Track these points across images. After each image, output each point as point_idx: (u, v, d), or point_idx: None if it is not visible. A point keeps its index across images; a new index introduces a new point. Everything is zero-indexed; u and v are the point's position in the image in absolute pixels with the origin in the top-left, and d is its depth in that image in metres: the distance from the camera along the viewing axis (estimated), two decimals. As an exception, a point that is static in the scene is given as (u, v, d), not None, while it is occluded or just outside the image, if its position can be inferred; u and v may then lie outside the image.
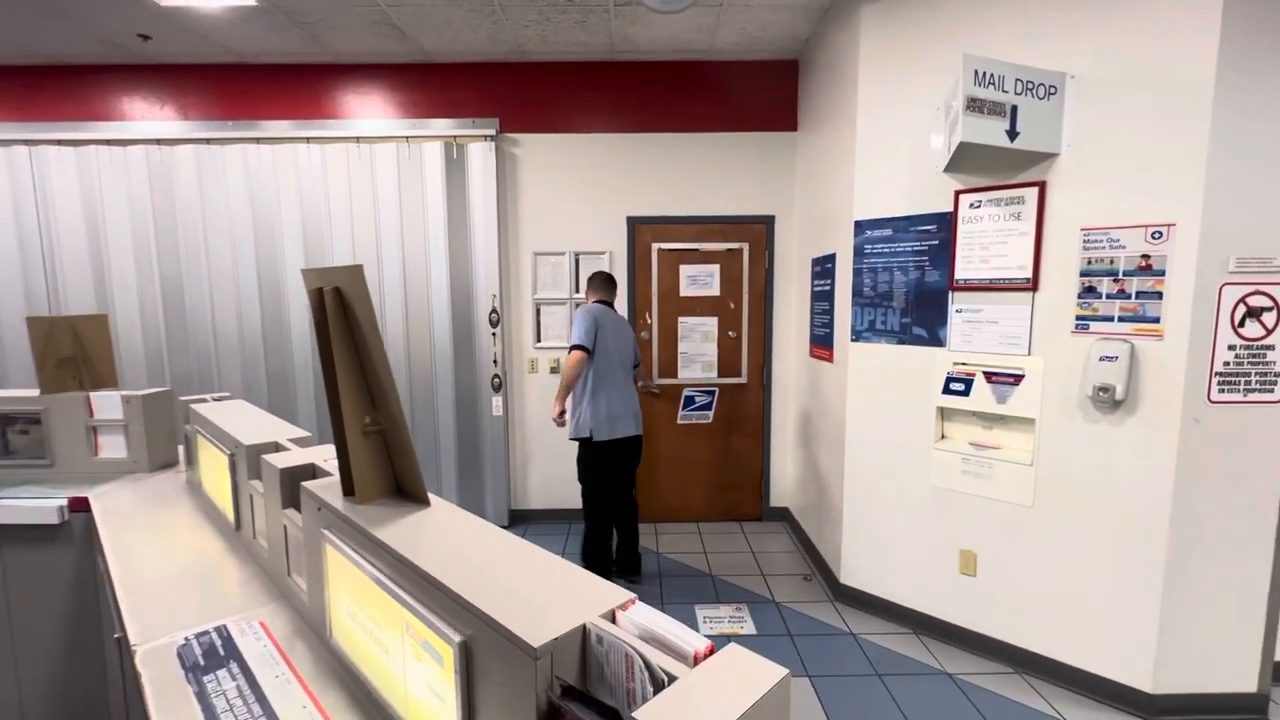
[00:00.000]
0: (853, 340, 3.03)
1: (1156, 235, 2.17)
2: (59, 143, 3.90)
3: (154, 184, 3.93)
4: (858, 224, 2.94)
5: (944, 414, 2.75)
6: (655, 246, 4.08)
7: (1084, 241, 2.31)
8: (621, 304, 4.08)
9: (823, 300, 3.45)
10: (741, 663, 0.59)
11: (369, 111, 4.00)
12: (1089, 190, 2.29)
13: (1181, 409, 2.16)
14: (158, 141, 3.91)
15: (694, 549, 3.83)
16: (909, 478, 2.85)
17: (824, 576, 3.40)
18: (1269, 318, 2.13)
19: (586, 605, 0.69)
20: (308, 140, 3.90)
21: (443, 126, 3.93)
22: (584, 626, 0.66)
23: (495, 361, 4.05)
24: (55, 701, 2.06)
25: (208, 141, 3.91)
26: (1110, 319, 2.28)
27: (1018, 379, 2.49)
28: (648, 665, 0.59)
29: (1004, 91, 2.21)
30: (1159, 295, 2.18)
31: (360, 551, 0.97)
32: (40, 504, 1.99)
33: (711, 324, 4.13)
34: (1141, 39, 2.16)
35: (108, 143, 3.91)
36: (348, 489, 1.09)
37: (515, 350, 4.16)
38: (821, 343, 3.49)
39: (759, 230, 4.09)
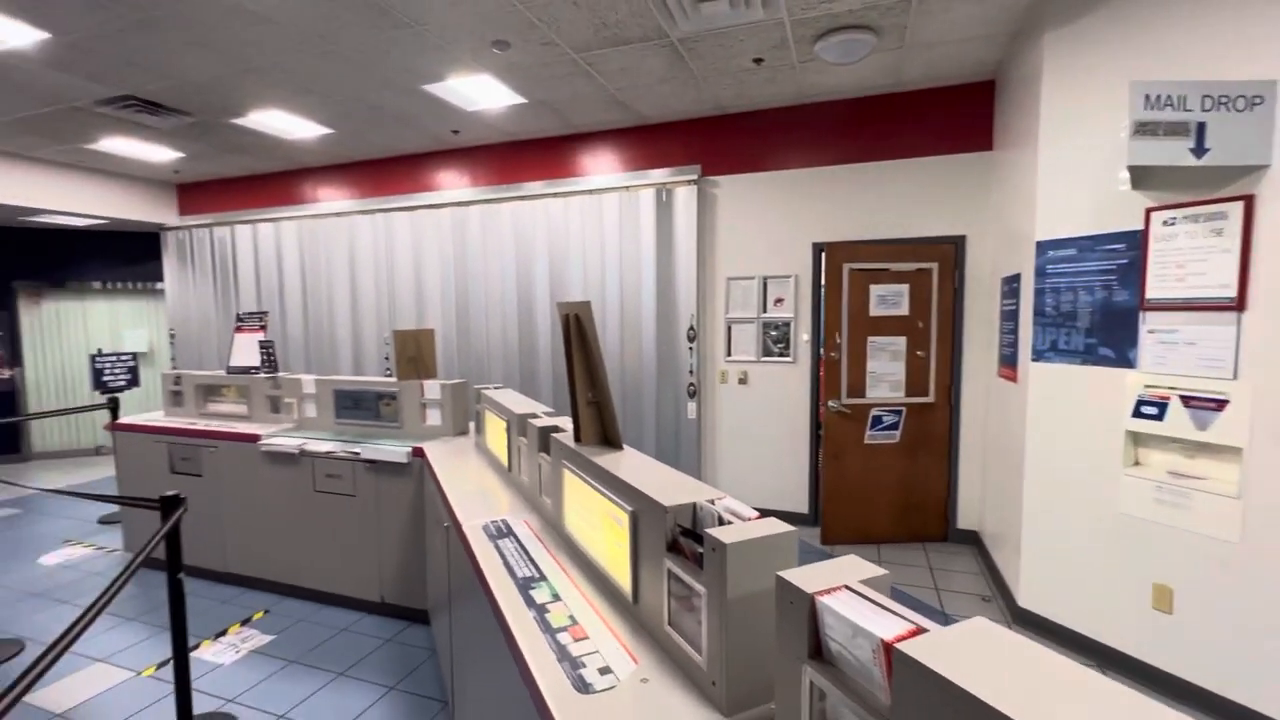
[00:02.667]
0: (1033, 360, 3.02)
1: (1395, 249, 1.95)
2: (400, 209, 5.59)
3: (454, 235, 5.40)
4: (1039, 244, 2.96)
5: (1135, 439, 2.64)
6: (846, 267, 4.35)
7: (1302, 257, 2.14)
8: (805, 322, 4.44)
9: (1010, 320, 3.44)
10: (769, 523, 1.07)
11: (599, 168, 5.00)
12: (1307, 202, 2.12)
13: None
14: (457, 204, 5.38)
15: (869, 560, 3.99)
16: (1094, 504, 2.77)
17: (1004, 599, 3.35)
18: None
19: (699, 495, 1.23)
20: (554, 195, 5.02)
21: (654, 175, 4.74)
22: (694, 503, 1.19)
23: (691, 372, 4.70)
24: (397, 568, 3.17)
25: (488, 201, 5.27)
26: (1336, 341, 2.07)
27: (1220, 404, 2.34)
28: (722, 518, 1.11)
29: (1186, 110, 2.18)
30: (1400, 315, 1.94)
31: (582, 474, 1.62)
32: (397, 449, 3.11)
33: (900, 343, 4.26)
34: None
35: (428, 207, 5.49)
36: (577, 438, 1.76)
37: (709, 363, 4.77)
38: (1007, 362, 3.47)
39: (948, 250, 4.13)
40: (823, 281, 4.41)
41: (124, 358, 5.31)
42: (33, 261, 6.99)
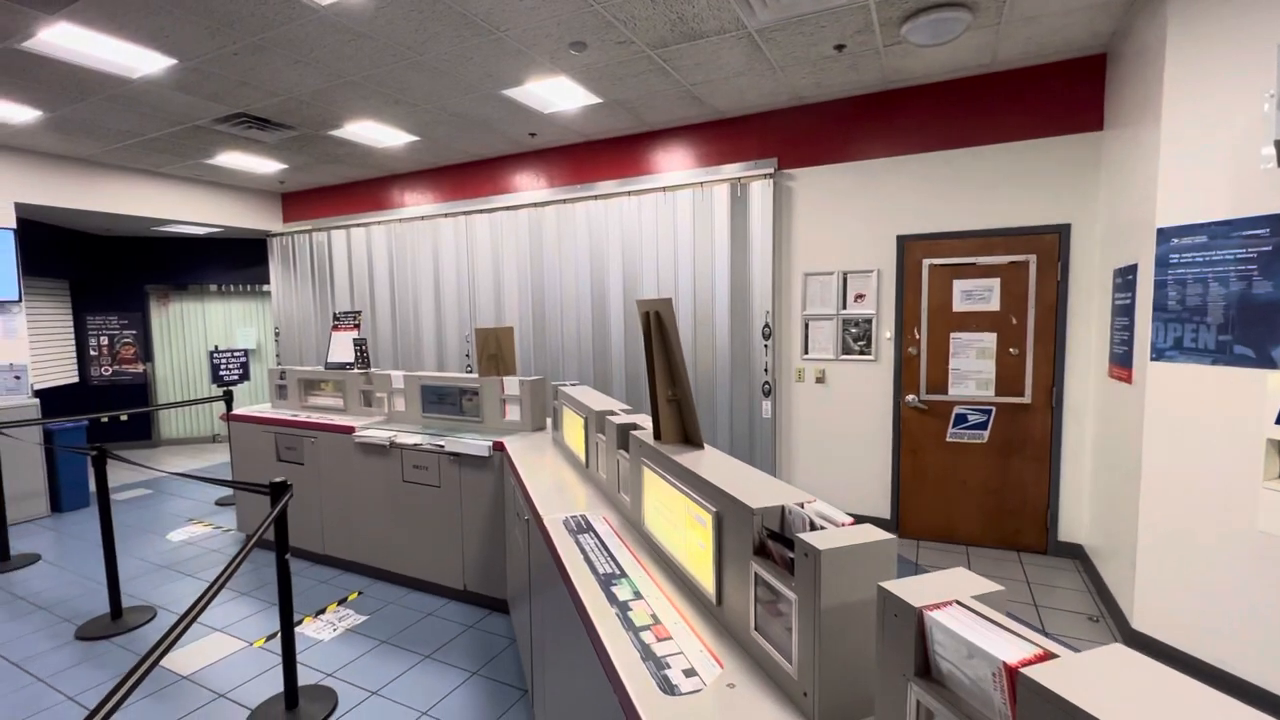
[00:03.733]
0: (1153, 359, 2.75)
1: None
2: (480, 211, 5.79)
3: (530, 235, 5.53)
4: (1161, 231, 2.68)
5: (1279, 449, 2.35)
6: (926, 262, 4.14)
7: None
8: (888, 319, 4.25)
9: (1123, 315, 3.14)
10: (865, 529, 1.02)
11: (672, 165, 4.98)
12: None
13: None
14: (534, 205, 5.51)
15: (957, 566, 3.77)
16: (1227, 520, 2.48)
17: (1114, 620, 3.07)
18: None
19: (787, 497, 1.18)
20: (628, 193, 5.04)
21: (729, 170, 4.67)
22: (783, 506, 1.15)
23: (766, 370, 4.60)
24: (478, 557, 3.29)
25: (563, 201, 5.36)
26: None
27: (1391, 411, 2.04)
28: (813, 523, 1.06)
29: (1350, 74, 1.91)
30: None
31: (663, 472, 1.60)
32: (479, 443, 3.22)
33: (989, 340, 4.00)
34: None
35: (506, 209, 5.66)
36: (657, 435, 1.75)
37: (784, 361, 4.65)
38: (1120, 362, 3.17)
39: (1050, 241, 3.83)
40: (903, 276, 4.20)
41: (237, 354, 5.80)
42: (160, 267, 7.76)
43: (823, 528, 1.05)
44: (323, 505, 3.90)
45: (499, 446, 3.17)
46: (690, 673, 1.14)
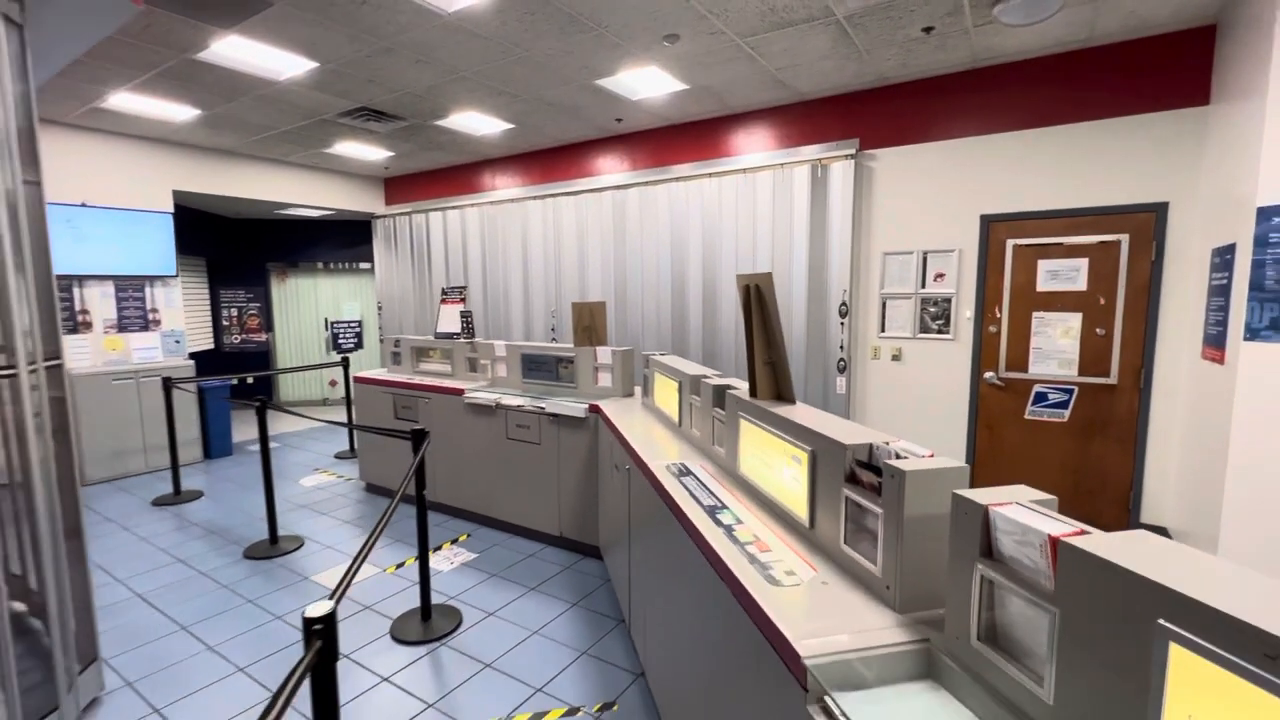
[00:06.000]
0: (1246, 339, 2.74)
1: None
2: (566, 194, 6.14)
3: (614, 216, 5.84)
4: (1261, 210, 2.66)
5: (1377, 429, 2.34)
6: (1010, 242, 4.15)
7: None
8: (969, 299, 4.30)
9: (1219, 296, 3.11)
10: (941, 460, 1.25)
11: (752, 147, 5.13)
12: None
13: None
14: (617, 187, 5.80)
15: (1031, 543, 3.85)
16: (1317, 498, 2.50)
17: (1193, 597, 3.10)
18: None
19: (874, 437, 1.43)
20: (708, 175, 5.25)
21: (809, 152, 4.79)
22: (870, 443, 1.40)
23: (841, 347, 4.74)
24: (573, 507, 3.68)
25: (645, 184, 5.62)
26: None
27: None
28: (898, 454, 1.30)
29: None
30: None
31: (760, 422, 1.87)
32: (576, 406, 3.59)
33: (1074, 320, 3.99)
34: None
35: (590, 191, 5.98)
36: (752, 393, 2.01)
37: (861, 339, 4.77)
38: (1214, 343, 3.14)
39: (1144, 220, 3.76)
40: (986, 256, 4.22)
41: (353, 324, 6.47)
42: (278, 246, 8.62)
43: (906, 458, 1.29)
44: (434, 458, 4.40)
45: (594, 409, 3.51)
46: (790, 573, 1.41)
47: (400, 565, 3.64)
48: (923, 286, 4.48)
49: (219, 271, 8.27)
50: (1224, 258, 3.07)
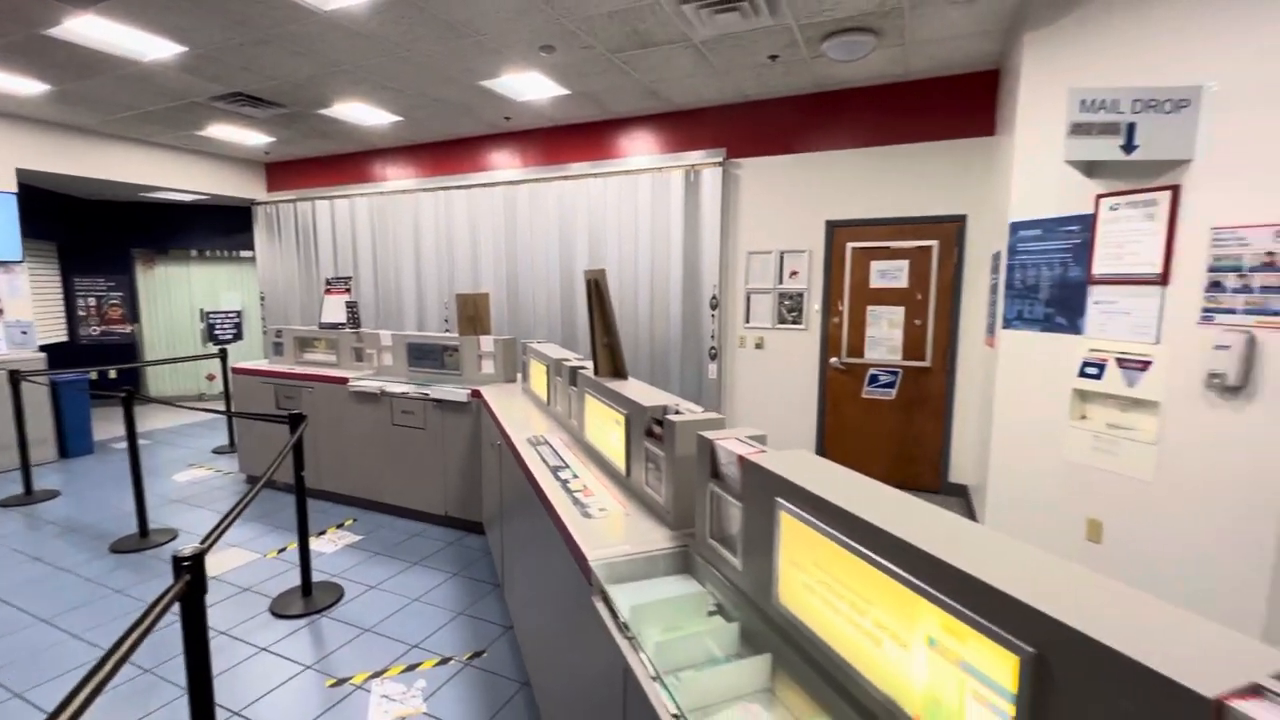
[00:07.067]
0: (1004, 328, 3.44)
1: (1281, 234, 2.32)
2: (458, 188, 6.26)
3: (505, 211, 6.04)
4: (1013, 225, 3.35)
5: (1081, 396, 3.06)
6: (849, 245, 4.80)
7: (1213, 240, 2.51)
8: (817, 294, 4.91)
9: (993, 293, 3.83)
10: (709, 415, 1.65)
11: (634, 150, 5.51)
12: (1220, 192, 2.49)
13: (1301, 398, 2.29)
14: (508, 183, 6.00)
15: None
16: (1047, 453, 3.21)
17: (973, 537, 3.82)
18: None
19: (668, 401, 1.81)
20: (594, 175, 5.58)
21: (684, 158, 5.23)
22: (664, 405, 1.78)
23: (712, 336, 5.24)
24: (458, 487, 3.91)
25: (535, 181, 5.87)
26: (1233, 311, 2.46)
27: (1145, 365, 2.75)
28: (678, 412, 1.69)
29: (1118, 112, 2.56)
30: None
31: (597, 395, 2.22)
32: (460, 392, 3.81)
33: (898, 313, 4.69)
34: (1273, 54, 2.32)
35: (483, 186, 6.14)
36: (596, 371, 2.36)
37: (729, 329, 5.30)
38: (989, 330, 3.87)
39: (950, 229, 4.50)
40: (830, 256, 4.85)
41: (232, 315, 6.23)
42: (144, 231, 8.04)
43: (681, 414, 1.68)
44: (320, 446, 4.45)
45: (476, 394, 3.75)
46: (603, 509, 1.77)
47: (282, 550, 3.71)
48: (780, 283, 5.05)
49: (74, 257, 7.61)
50: (995, 262, 3.80)
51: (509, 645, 2.72)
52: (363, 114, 5.39)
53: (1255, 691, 0.55)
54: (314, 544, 3.77)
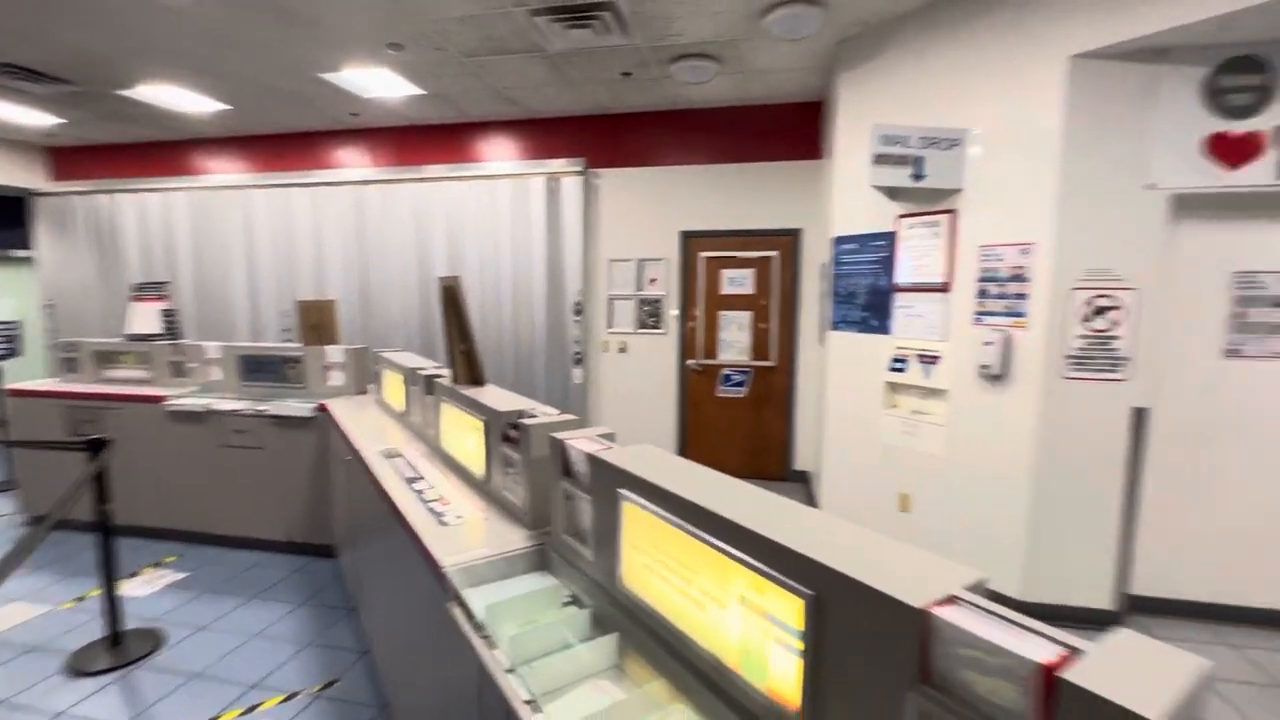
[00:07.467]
0: (831, 329, 3.90)
1: (1024, 251, 2.89)
2: (299, 185, 5.77)
3: (355, 212, 5.67)
4: (835, 239, 3.81)
5: (892, 387, 3.56)
6: (701, 255, 5.13)
7: (981, 255, 3.06)
8: (674, 300, 5.19)
9: (823, 299, 4.32)
10: (564, 417, 1.72)
11: (494, 155, 5.46)
12: (982, 216, 3.04)
13: (1042, 383, 2.87)
14: (358, 183, 5.65)
15: (720, 494, 4.84)
16: (867, 438, 3.68)
17: (813, 517, 4.27)
18: (1114, 314, 2.77)
19: (525, 405, 1.86)
20: (452, 179, 5.43)
21: (544, 165, 5.28)
22: (521, 409, 1.82)
23: (577, 342, 5.33)
24: (304, 510, 3.62)
25: (388, 181, 5.58)
26: (996, 314, 3.02)
27: (936, 359, 3.27)
28: (534, 416, 1.74)
29: (909, 147, 3.03)
30: (1026, 296, 2.90)
31: (455, 403, 2.20)
32: (303, 406, 3.53)
33: (746, 317, 5.10)
34: (1014, 105, 2.89)
35: (328, 184, 5.72)
36: (454, 380, 2.34)
37: (594, 334, 5.42)
38: (821, 332, 4.35)
39: (788, 241, 4.99)
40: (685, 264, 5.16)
41: (6, 327, 5.21)
42: (-128, 224, 6.46)
43: (536, 417, 1.73)
44: (130, 475, 3.87)
45: (322, 408, 3.51)
46: (460, 516, 1.78)
47: (81, 599, 3.20)
48: (640, 289, 5.27)
49: None
50: (824, 271, 4.28)
51: (365, 670, 2.59)
52: (178, 99, 4.79)
53: (951, 600, 0.73)
54: (125, 587, 3.29)
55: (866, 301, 3.63)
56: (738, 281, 5.08)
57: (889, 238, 3.47)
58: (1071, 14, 2.69)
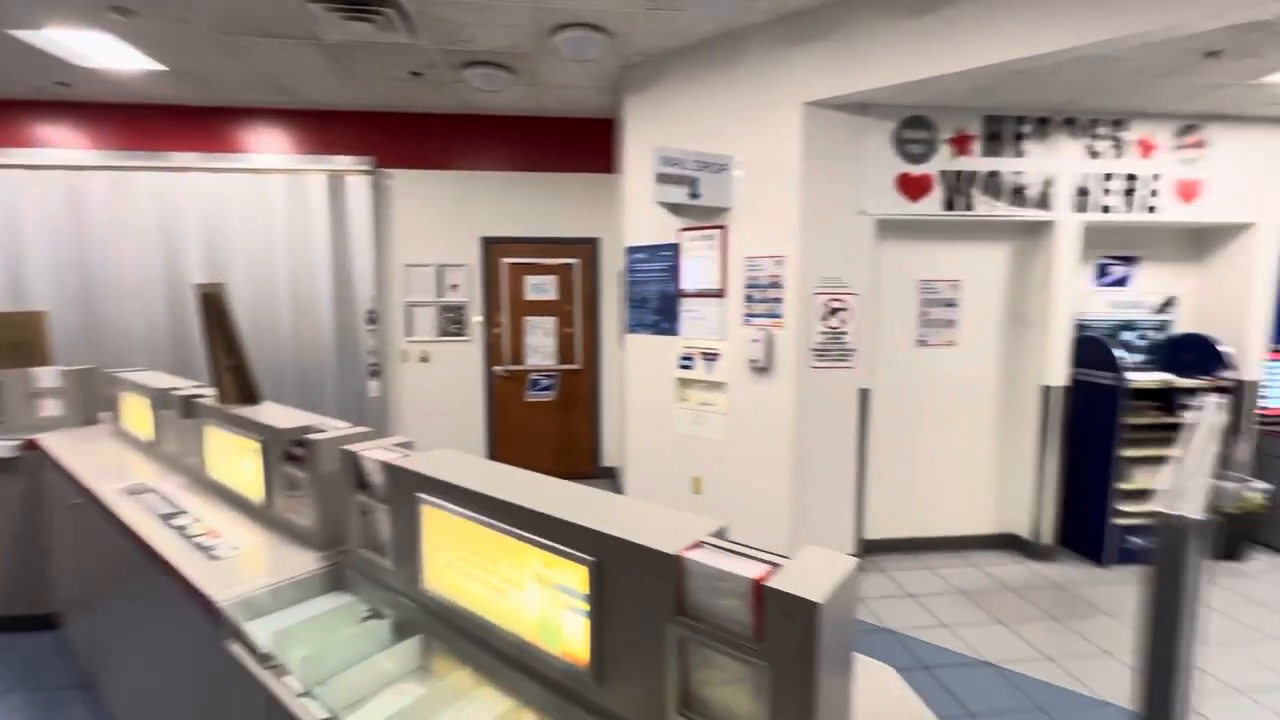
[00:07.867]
0: (628, 332, 4.20)
1: (779, 262, 3.43)
2: (-21, 166, 4.54)
3: (69, 203, 4.62)
4: (628, 249, 4.12)
5: (682, 383, 3.95)
6: (504, 261, 5.15)
7: (747, 265, 3.56)
8: (477, 306, 5.13)
9: (621, 303, 4.62)
10: (356, 430, 1.66)
11: (263, 147, 4.86)
12: (747, 232, 3.54)
13: (796, 373, 3.43)
14: (74, 167, 4.62)
15: (533, 497, 4.90)
16: (663, 429, 4.03)
17: (621, 509, 4.55)
18: (843, 314, 3.43)
19: (310, 422, 1.75)
20: (208, 170, 4.72)
21: (326, 162, 4.84)
22: (306, 425, 1.71)
23: (372, 352, 4.98)
24: (5, 575, 2.89)
25: (118, 168, 4.66)
26: (760, 315, 3.53)
27: (717, 356, 3.72)
28: (320, 431, 1.66)
29: (686, 169, 3.42)
30: (781, 300, 3.44)
31: (225, 425, 1.97)
32: (1, 444, 2.82)
33: (551, 322, 5.23)
34: (765, 139, 3.43)
35: (24, 167, 4.58)
36: (221, 399, 2.09)
37: (391, 343, 5.11)
38: (620, 335, 4.65)
39: (587, 249, 5.23)
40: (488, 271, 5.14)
41: None
42: None
43: (324, 432, 1.65)
44: None
45: (32, 445, 2.84)
46: (235, 548, 1.62)
47: None
48: (441, 296, 5.11)
49: None
50: (620, 278, 4.58)
51: (112, 751, 2.18)
52: None
53: (699, 545, 0.91)
54: None
55: (658, 306, 3.99)
56: (541, 288, 5.19)
57: (674, 248, 3.86)
58: (803, 67, 3.28)
